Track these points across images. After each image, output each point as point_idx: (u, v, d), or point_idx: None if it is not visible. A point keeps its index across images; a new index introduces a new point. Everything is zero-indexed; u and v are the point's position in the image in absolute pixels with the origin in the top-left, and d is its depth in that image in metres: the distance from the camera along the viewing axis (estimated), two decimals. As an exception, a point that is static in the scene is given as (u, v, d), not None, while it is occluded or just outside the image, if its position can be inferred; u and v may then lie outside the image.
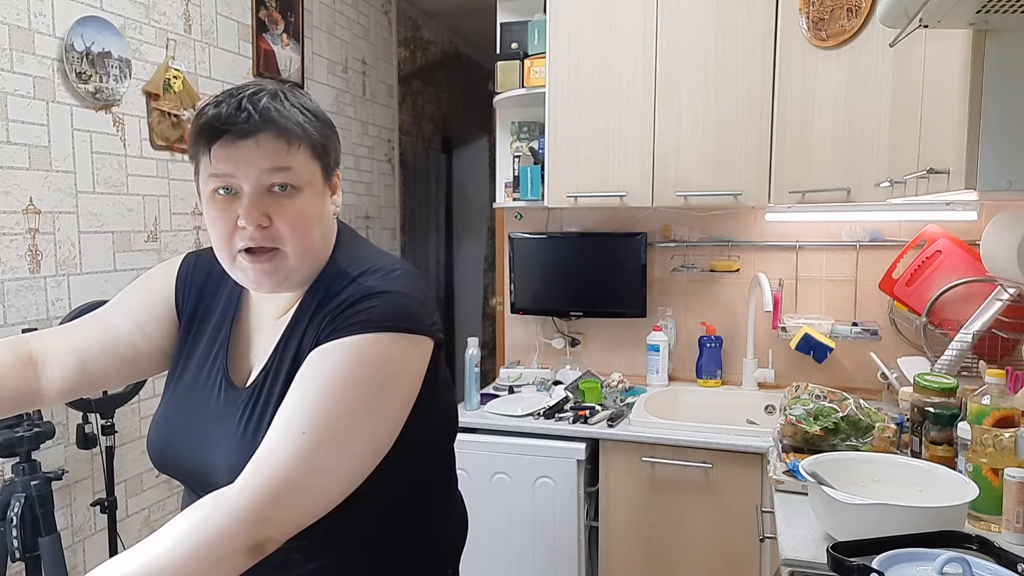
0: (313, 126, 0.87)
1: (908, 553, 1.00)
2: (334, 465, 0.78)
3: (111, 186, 1.86)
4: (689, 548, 2.05)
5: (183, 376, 0.96)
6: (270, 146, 0.83)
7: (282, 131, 0.83)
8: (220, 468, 0.84)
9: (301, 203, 0.85)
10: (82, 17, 1.74)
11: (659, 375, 2.46)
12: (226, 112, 0.82)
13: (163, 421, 0.95)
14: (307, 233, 0.86)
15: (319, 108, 0.91)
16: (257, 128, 0.82)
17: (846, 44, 1.86)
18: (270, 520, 0.74)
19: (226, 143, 0.82)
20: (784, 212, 2.35)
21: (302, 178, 0.85)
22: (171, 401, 0.96)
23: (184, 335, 0.98)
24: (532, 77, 2.43)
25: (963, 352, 1.81)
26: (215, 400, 0.91)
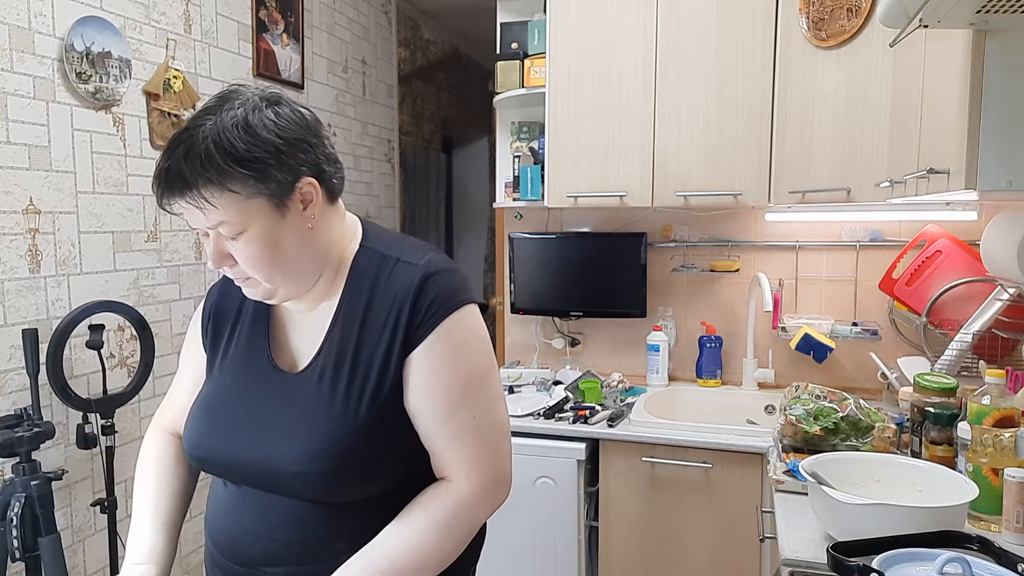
0: (233, 172, 0.84)
1: (908, 553, 1.00)
2: (501, 423, 0.97)
3: (111, 186, 1.86)
4: (689, 548, 2.05)
5: (219, 374, 1.01)
6: (190, 213, 0.88)
7: (193, 198, 0.85)
8: (285, 448, 0.90)
9: (247, 243, 0.88)
10: (82, 17, 1.74)
11: (659, 375, 2.46)
12: (155, 176, 0.88)
13: (205, 418, 0.98)
14: (266, 263, 0.89)
15: (255, 134, 0.86)
16: (173, 196, 0.86)
17: (846, 44, 1.86)
18: (497, 493, 0.95)
19: (165, 206, 0.89)
20: (784, 212, 2.35)
21: (239, 223, 0.87)
22: (210, 399, 1.00)
23: (213, 343, 1.04)
24: (532, 77, 2.43)
25: (963, 352, 1.81)
26: (266, 388, 0.96)
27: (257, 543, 0.94)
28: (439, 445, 0.93)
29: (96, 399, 1.77)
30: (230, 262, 0.90)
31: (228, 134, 0.85)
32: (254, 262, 0.89)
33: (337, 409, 0.91)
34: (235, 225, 0.87)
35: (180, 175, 0.84)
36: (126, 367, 1.92)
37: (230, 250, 0.89)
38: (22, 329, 1.61)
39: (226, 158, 0.84)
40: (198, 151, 0.84)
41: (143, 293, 1.97)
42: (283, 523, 0.93)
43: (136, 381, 1.88)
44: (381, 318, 0.93)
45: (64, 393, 1.68)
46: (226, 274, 0.94)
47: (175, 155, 0.85)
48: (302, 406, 0.92)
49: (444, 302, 0.92)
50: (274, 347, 0.99)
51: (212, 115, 0.87)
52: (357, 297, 0.95)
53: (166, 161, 0.86)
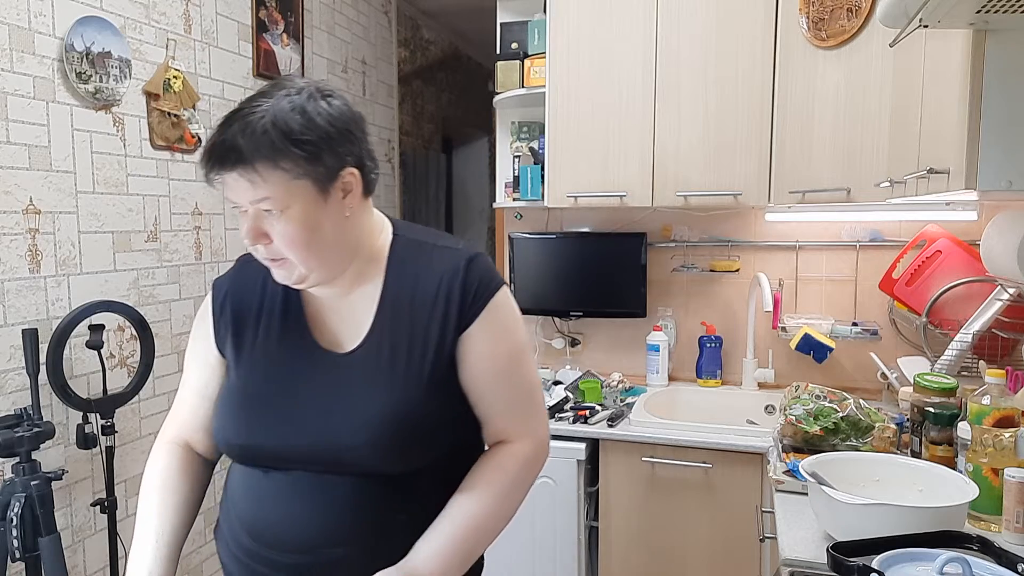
0: (290, 147, 0.88)
1: (908, 553, 1.00)
2: (540, 388, 1.09)
3: (111, 186, 1.86)
4: (689, 548, 2.05)
5: (251, 364, 1.02)
6: (238, 185, 0.89)
7: (248, 167, 0.88)
8: (347, 422, 0.94)
9: (288, 222, 0.91)
10: (82, 17, 1.74)
11: (659, 375, 2.46)
12: (208, 147, 0.90)
13: (246, 408, 0.99)
14: (303, 244, 0.92)
15: (308, 117, 0.90)
16: (229, 166, 0.89)
17: (846, 44, 1.86)
18: (546, 452, 1.06)
19: (213, 178, 0.91)
20: (784, 212, 2.35)
21: (283, 201, 0.90)
22: (247, 389, 1.00)
23: (236, 337, 1.04)
24: (532, 77, 2.43)
25: (963, 352, 1.81)
26: (314, 369, 0.99)
27: (309, 527, 0.95)
28: (497, 411, 1.03)
29: (96, 399, 1.77)
30: (266, 240, 0.92)
31: (285, 116, 0.89)
32: (292, 242, 0.91)
33: (397, 382, 0.96)
34: (279, 201, 0.90)
35: (235, 148, 0.88)
36: (126, 367, 1.92)
37: (268, 228, 0.91)
38: (22, 329, 1.61)
39: (281, 137, 0.88)
40: (255, 128, 0.88)
41: (143, 293, 1.97)
42: (337, 503, 0.95)
43: (136, 381, 1.88)
44: (430, 298, 0.99)
45: (64, 393, 1.68)
46: (259, 255, 0.95)
47: (231, 130, 0.88)
48: (359, 382, 0.97)
49: (489, 282, 1.01)
50: (314, 331, 1.02)
51: (268, 98, 0.91)
52: (401, 280, 1.01)
53: (220, 135, 0.89)
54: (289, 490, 0.97)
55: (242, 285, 1.07)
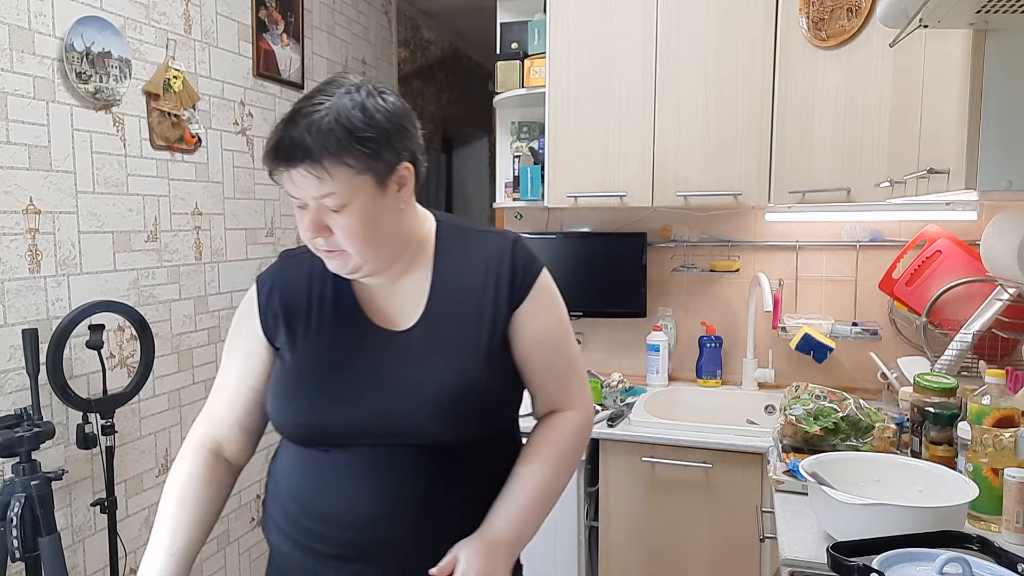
0: (353, 143, 0.92)
1: (908, 553, 1.00)
2: (582, 360, 1.17)
3: (111, 186, 1.86)
4: (689, 548, 2.05)
5: (308, 350, 1.05)
6: (305, 180, 0.93)
7: (315, 162, 0.91)
8: (414, 394, 0.99)
9: (349, 216, 0.95)
10: (82, 17, 1.74)
11: (659, 375, 2.46)
12: (273, 144, 0.94)
13: (309, 389, 1.02)
14: (363, 238, 0.97)
15: (368, 114, 0.95)
16: (295, 162, 0.92)
17: (846, 44, 1.86)
18: (592, 417, 1.16)
19: (278, 174, 0.94)
20: (784, 212, 2.35)
21: (346, 196, 0.94)
22: (307, 373, 1.03)
23: (288, 327, 1.07)
24: (532, 77, 2.43)
25: (963, 352, 1.81)
26: (374, 348, 1.03)
27: (371, 502, 0.99)
28: (550, 382, 1.11)
29: (96, 399, 1.76)
30: (326, 233, 0.96)
31: (348, 113, 0.93)
32: (352, 235, 0.96)
33: (455, 357, 1.02)
34: (342, 197, 0.93)
35: (303, 146, 0.91)
36: (126, 367, 1.92)
37: (328, 222, 0.95)
38: (22, 329, 1.61)
39: (346, 134, 0.92)
40: (320, 125, 0.91)
41: (143, 293, 1.97)
42: (397, 476, 0.99)
43: (136, 381, 1.88)
44: (480, 278, 1.06)
45: (64, 393, 1.68)
46: (317, 247, 0.99)
47: (296, 128, 0.92)
48: (418, 357, 1.02)
49: (534, 262, 1.09)
50: (368, 313, 1.06)
51: (327, 96, 0.94)
52: (450, 264, 1.07)
53: (287, 132, 0.92)
54: (351, 467, 1.00)
55: (289, 277, 1.10)
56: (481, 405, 1.03)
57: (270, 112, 2.49)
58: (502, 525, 1.01)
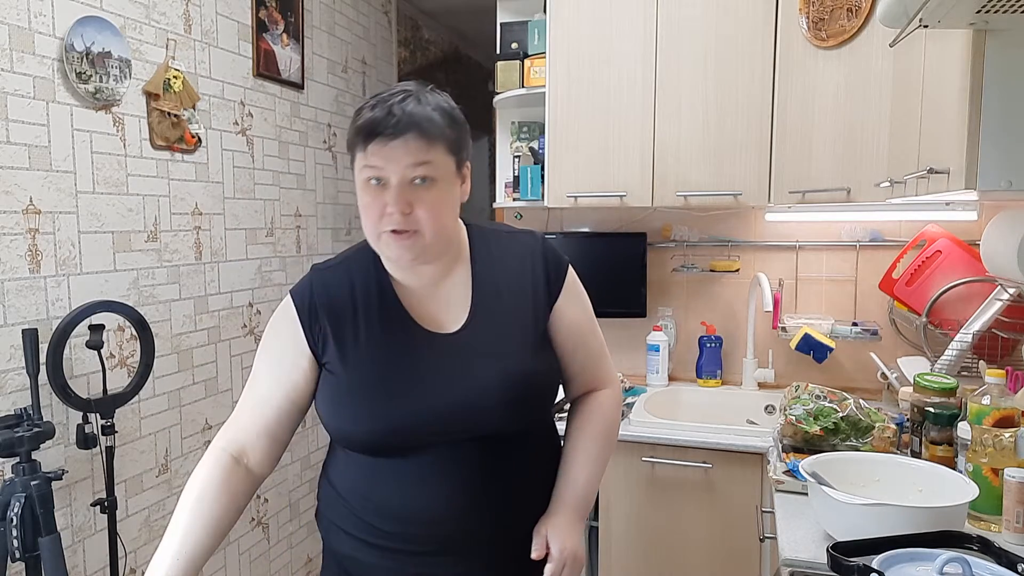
0: (449, 126, 1.04)
1: (908, 553, 1.01)
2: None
3: (111, 186, 1.86)
4: (689, 548, 2.05)
5: (361, 358, 1.08)
6: (414, 144, 1.00)
7: (423, 132, 1.00)
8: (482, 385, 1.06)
9: (437, 192, 1.02)
10: (82, 17, 1.74)
11: (659, 375, 2.46)
12: (380, 116, 0.99)
13: (377, 394, 1.06)
14: (441, 218, 1.03)
15: (454, 108, 1.07)
16: (404, 130, 0.99)
17: (846, 44, 1.86)
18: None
19: (380, 142, 0.99)
20: (784, 212, 2.35)
21: (438, 171, 1.02)
22: (370, 379, 1.07)
23: (337, 335, 1.10)
24: (532, 77, 2.43)
25: (963, 352, 1.81)
26: (431, 350, 1.08)
27: (447, 499, 1.05)
28: (588, 364, 1.21)
29: (96, 399, 1.76)
30: (407, 209, 1.01)
31: (442, 103, 1.05)
32: (433, 211, 1.02)
33: (509, 351, 1.09)
34: (435, 169, 1.02)
35: (415, 116, 1.00)
36: (126, 367, 1.92)
37: (412, 198, 1.01)
38: (22, 329, 1.61)
39: (445, 117, 1.04)
40: (426, 104, 1.02)
41: (143, 293, 1.97)
42: (468, 470, 1.06)
43: (136, 381, 1.88)
44: (517, 278, 1.14)
45: (64, 393, 1.68)
46: (391, 227, 1.02)
47: (402, 104, 1.00)
48: (474, 356, 1.08)
49: (562, 259, 1.19)
50: (416, 318, 1.11)
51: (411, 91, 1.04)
52: (487, 265, 1.14)
53: (396, 106, 1.00)
54: (421, 467, 1.05)
55: (328, 289, 1.12)
56: (536, 393, 1.12)
57: (270, 112, 2.49)
58: (571, 499, 1.12)
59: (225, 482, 1.07)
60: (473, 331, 1.10)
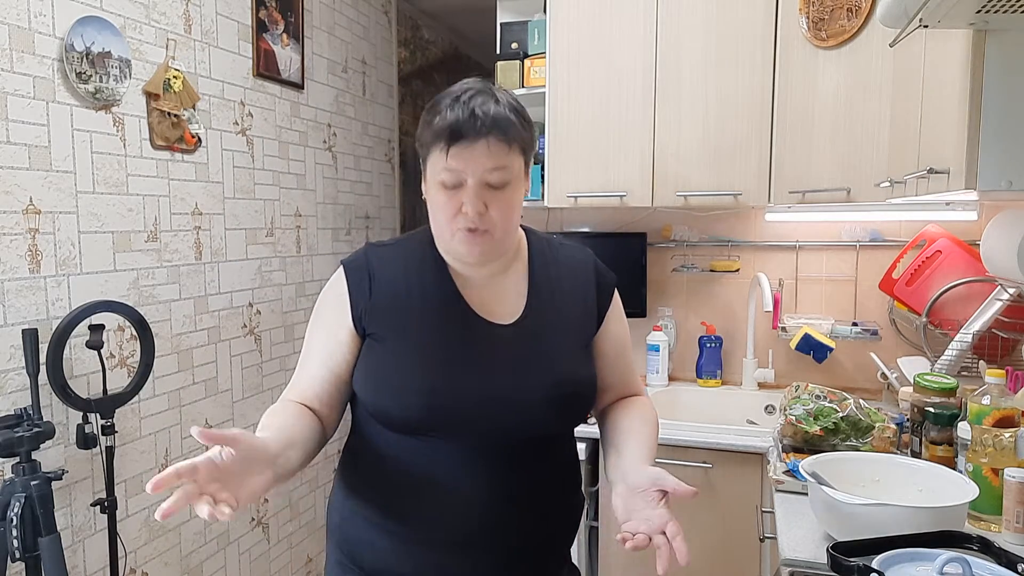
0: (523, 128, 1.04)
1: (908, 553, 1.00)
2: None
3: (111, 186, 1.86)
4: (689, 548, 2.04)
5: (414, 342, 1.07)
6: (495, 147, 1.00)
7: (504, 135, 1.00)
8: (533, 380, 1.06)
9: (511, 194, 1.04)
10: (82, 17, 1.74)
11: (659, 375, 2.46)
12: (463, 117, 0.99)
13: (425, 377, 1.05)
14: (513, 218, 1.06)
15: (524, 108, 1.06)
16: (486, 133, 0.99)
17: (846, 44, 1.86)
18: None
19: (462, 145, 0.99)
20: (784, 212, 2.35)
21: (513, 173, 1.03)
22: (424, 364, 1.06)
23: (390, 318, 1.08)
24: (532, 77, 2.43)
25: (963, 352, 1.81)
26: (487, 340, 1.08)
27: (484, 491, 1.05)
28: (627, 374, 1.25)
29: (96, 399, 1.76)
30: (483, 210, 1.02)
31: (516, 105, 1.04)
32: (507, 211, 1.04)
33: (561, 351, 1.11)
34: (511, 172, 1.03)
35: (498, 118, 1.00)
36: (126, 367, 1.92)
37: (487, 199, 1.02)
38: (22, 329, 1.61)
39: (522, 120, 1.04)
40: (505, 106, 1.02)
41: (143, 293, 1.97)
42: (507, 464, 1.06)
43: (136, 381, 1.88)
44: (571, 285, 1.17)
45: (64, 393, 1.68)
46: (466, 226, 1.02)
47: (484, 106, 1.00)
48: (527, 349, 1.09)
49: (610, 275, 1.22)
50: (473, 306, 1.10)
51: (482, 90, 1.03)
52: (543, 268, 1.16)
53: (476, 108, 0.99)
54: (460, 456, 1.05)
55: (385, 267, 1.12)
56: (581, 397, 1.12)
57: (270, 112, 2.49)
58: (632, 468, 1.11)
59: (299, 413, 1.04)
60: (527, 326, 1.11)
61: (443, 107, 1.01)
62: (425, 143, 1.05)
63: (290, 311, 2.64)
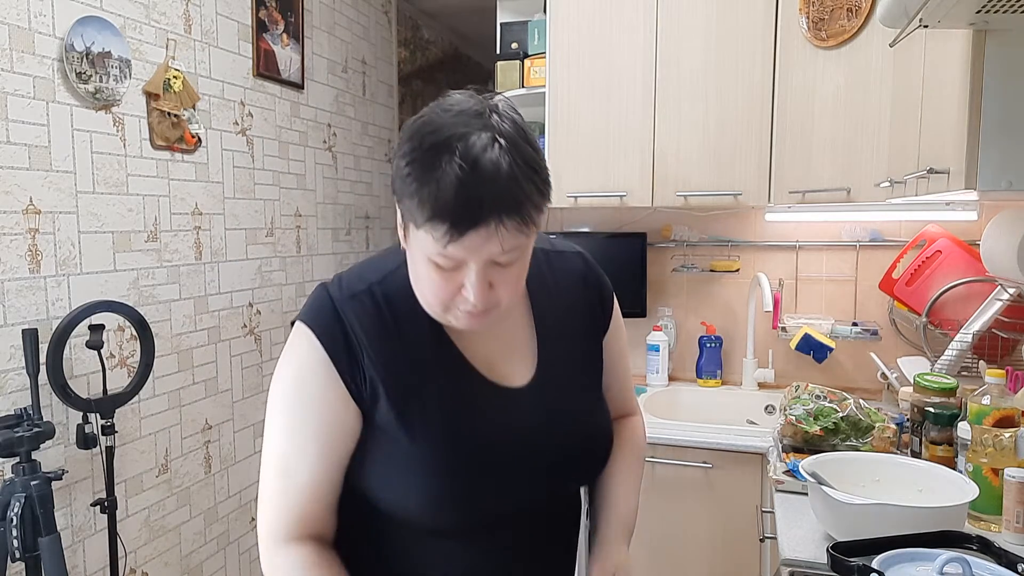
0: (544, 189, 0.79)
1: (908, 553, 1.00)
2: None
3: (111, 186, 1.86)
4: (689, 548, 2.05)
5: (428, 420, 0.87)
6: (510, 235, 0.76)
7: (519, 214, 0.76)
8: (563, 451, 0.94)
9: (520, 265, 0.83)
10: (82, 17, 1.74)
11: (659, 375, 2.46)
12: (465, 200, 0.73)
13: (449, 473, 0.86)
14: (520, 286, 0.86)
15: (541, 152, 0.80)
16: (498, 215, 0.74)
17: (846, 44, 1.86)
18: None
19: (465, 235, 0.75)
20: (784, 212, 2.35)
21: (526, 246, 0.82)
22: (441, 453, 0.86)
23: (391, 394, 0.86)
24: (532, 77, 2.43)
25: (963, 352, 1.81)
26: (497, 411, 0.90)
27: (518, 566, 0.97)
28: (625, 390, 1.13)
29: (96, 399, 1.76)
30: (487, 290, 0.81)
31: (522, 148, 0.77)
32: (515, 285, 0.84)
33: (583, 402, 0.99)
34: (525, 246, 0.81)
35: (522, 192, 0.75)
36: (126, 367, 1.92)
37: (492, 278, 0.81)
38: (22, 329, 1.61)
39: (534, 175, 0.77)
40: (523, 159, 0.76)
41: (143, 293, 1.97)
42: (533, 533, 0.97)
43: (136, 381, 1.88)
44: (573, 309, 1.01)
45: (64, 393, 1.68)
46: (466, 308, 0.82)
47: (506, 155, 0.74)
48: (550, 415, 0.93)
49: (603, 278, 1.07)
50: (481, 369, 0.91)
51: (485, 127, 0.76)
52: (542, 293, 1.00)
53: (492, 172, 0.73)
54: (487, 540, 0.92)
55: (364, 321, 0.86)
56: (608, 446, 1.02)
57: (270, 112, 2.49)
58: (623, 531, 1.06)
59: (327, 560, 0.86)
60: (543, 385, 0.94)
61: (435, 170, 0.73)
62: (409, 209, 0.77)
63: (290, 311, 2.64)
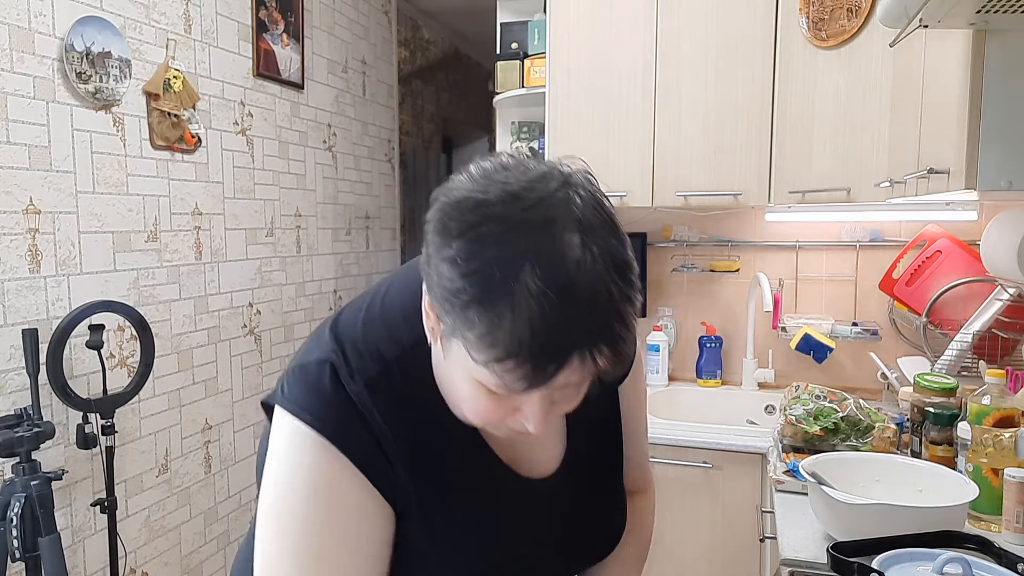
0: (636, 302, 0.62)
1: (908, 553, 1.00)
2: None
3: (111, 186, 1.86)
4: (689, 548, 2.05)
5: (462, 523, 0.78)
6: (598, 366, 0.61)
7: (618, 351, 0.60)
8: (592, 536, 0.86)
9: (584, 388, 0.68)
10: (82, 17, 1.74)
11: (659, 375, 2.46)
12: (558, 336, 0.57)
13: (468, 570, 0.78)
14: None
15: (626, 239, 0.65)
16: (592, 352, 0.59)
17: (846, 44, 1.86)
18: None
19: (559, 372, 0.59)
20: (784, 212, 2.35)
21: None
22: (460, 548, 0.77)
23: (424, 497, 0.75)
24: (532, 77, 2.43)
25: (963, 352, 1.81)
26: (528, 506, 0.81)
27: None
28: (638, 456, 0.95)
29: (96, 399, 1.76)
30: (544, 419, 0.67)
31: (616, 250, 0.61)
32: (578, 401, 0.69)
33: (607, 489, 0.88)
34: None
35: (622, 321, 0.59)
36: (126, 367, 1.92)
37: (554, 406, 0.67)
38: (22, 329, 1.61)
39: (631, 288, 0.60)
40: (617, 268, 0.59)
41: (143, 293, 1.97)
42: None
43: (136, 381, 1.88)
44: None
45: (64, 393, 1.68)
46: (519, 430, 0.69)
47: (601, 296, 0.57)
48: (581, 504, 0.85)
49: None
50: (504, 459, 0.80)
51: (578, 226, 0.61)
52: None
53: (594, 303, 0.57)
54: None
55: (389, 411, 0.72)
56: (623, 526, 0.90)
57: (270, 112, 2.49)
58: None
59: None
60: (571, 475, 0.84)
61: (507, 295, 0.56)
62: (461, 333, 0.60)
63: (290, 311, 2.64)
